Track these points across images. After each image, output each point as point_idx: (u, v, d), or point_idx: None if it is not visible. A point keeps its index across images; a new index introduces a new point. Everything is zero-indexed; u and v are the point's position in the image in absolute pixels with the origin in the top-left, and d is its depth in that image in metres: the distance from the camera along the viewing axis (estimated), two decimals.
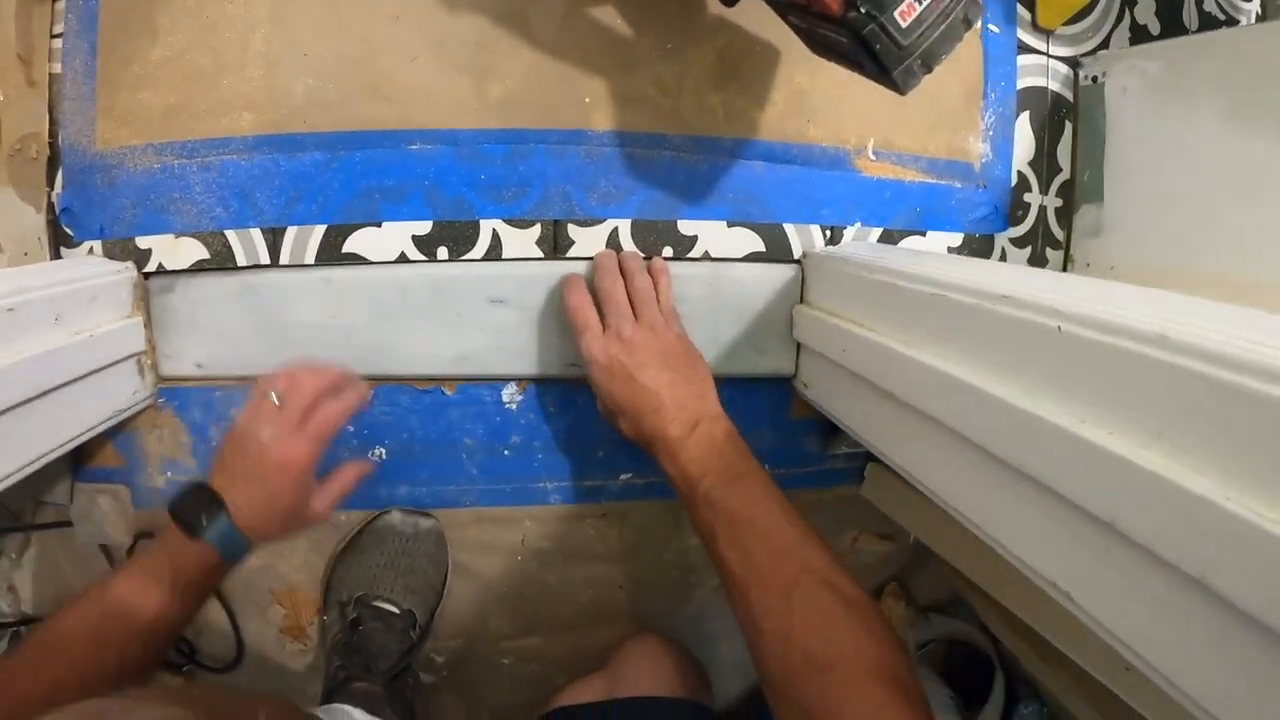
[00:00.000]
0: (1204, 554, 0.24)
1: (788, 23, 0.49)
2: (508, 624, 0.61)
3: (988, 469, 0.35)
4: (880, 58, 0.41)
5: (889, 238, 0.59)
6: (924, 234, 0.59)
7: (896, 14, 0.40)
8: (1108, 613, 0.29)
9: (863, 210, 0.58)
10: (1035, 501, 0.32)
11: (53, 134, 0.59)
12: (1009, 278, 0.38)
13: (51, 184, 0.59)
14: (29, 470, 0.47)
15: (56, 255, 0.59)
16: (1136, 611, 0.27)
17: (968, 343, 0.37)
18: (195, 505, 0.45)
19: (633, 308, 0.50)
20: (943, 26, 0.42)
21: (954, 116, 0.60)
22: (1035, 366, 0.32)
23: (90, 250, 0.58)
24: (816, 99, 0.57)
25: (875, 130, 0.58)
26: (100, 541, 0.62)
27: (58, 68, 0.58)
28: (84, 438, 0.54)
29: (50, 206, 0.59)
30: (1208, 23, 0.72)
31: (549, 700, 0.55)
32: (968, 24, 0.43)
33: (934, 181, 0.59)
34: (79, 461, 0.62)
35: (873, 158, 0.58)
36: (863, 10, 0.40)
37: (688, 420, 0.47)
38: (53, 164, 0.58)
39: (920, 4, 0.41)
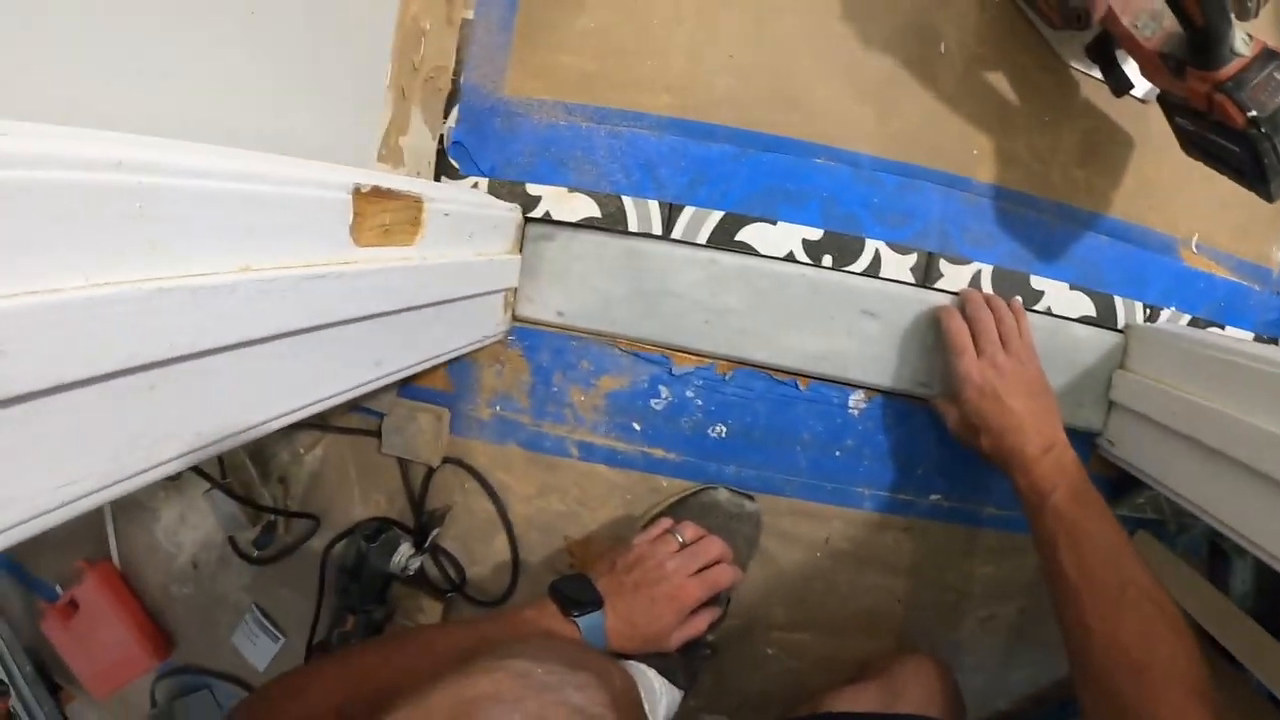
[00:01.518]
0: None
1: (1172, 123, 0.56)
2: (787, 614, 0.64)
3: None
4: (1266, 170, 0.48)
5: (1194, 324, 0.65)
6: (1223, 327, 0.66)
7: None
8: None
9: (1178, 296, 0.64)
10: None
11: (456, 73, 0.63)
12: None
13: (446, 117, 0.62)
14: (405, 374, 0.48)
15: (436, 182, 0.63)
16: None
17: None
18: (579, 592, 0.50)
19: (1000, 340, 0.56)
20: None
21: (1266, 223, 0.67)
22: None
23: (474, 185, 0.62)
24: (1158, 189, 0.64)
25: (1202, 225, 0.65)
26: (406, 457, 0.64)
27: (470, 14, 0.62)
28: (454, 354, 0.56)
29: (441, 138, 0.62)
30: None
31: (816, 701, 0.58)
32: None
33: (1238, 280, 0.66)
34: (407, 378, 0.64)
35: (1195, 250, 0.65)
36: (1263, 130, 0.47)
37: (1044, 443, 0.52)
38: (450, 100, 0.62)
39: None
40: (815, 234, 0.59)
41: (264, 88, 0.39)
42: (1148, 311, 0.63)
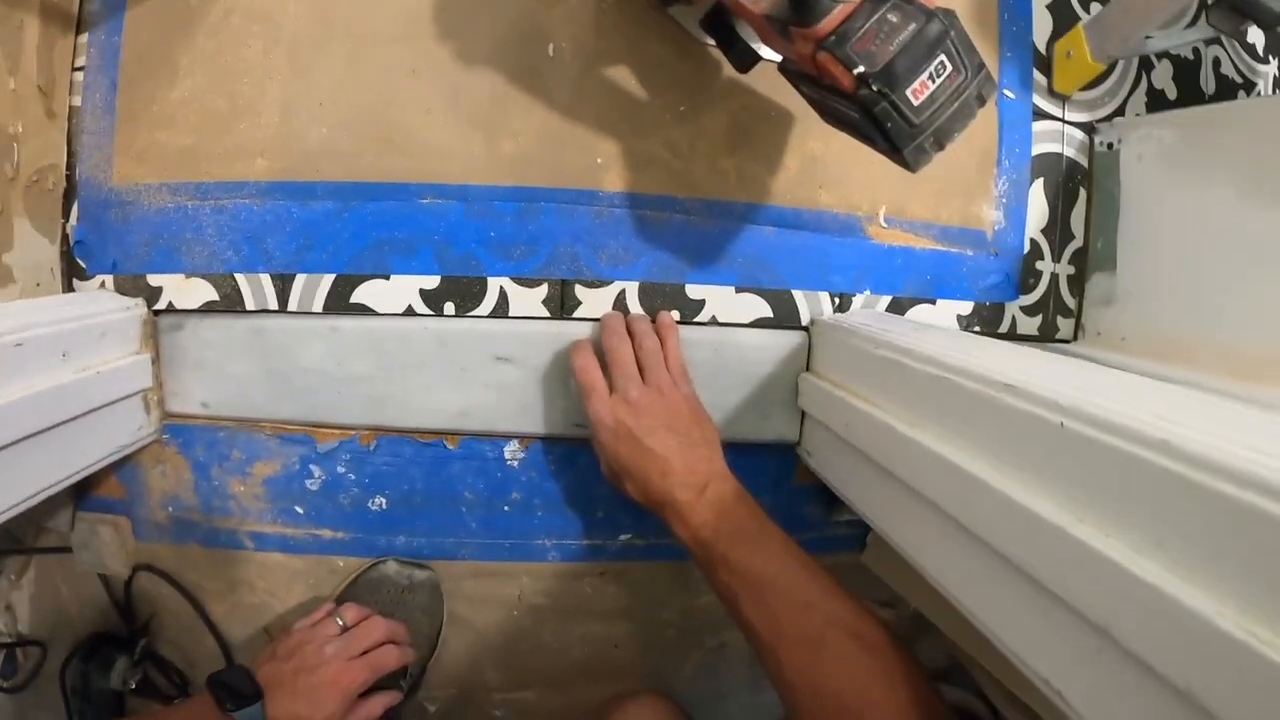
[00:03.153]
0: (1195, 670, 0.23)
1: (801, 92, 0.49)
2: (501, 677, 0.60)
3: (984, 559, 0.35)
4: (891, 136, 0.41)
5: (898, 305, 0.59)
6: (934, 302, 0.59)
7: (909, 92, 0.40)
8: (1099, 717, 0.29)
9: (872, 278, 0.58)
10: (1030, 598, 0.32)
11: (70, 166, 0.59)
12: (1016, 364, 0.38)
13: (66, 216, 0.59)
14: (32, 503, 0.47)
15: (69, 287, 0.60)
16: (1126, 718, 0.27)
17: (969, 429, 0.37)
18: (236, 685, 0.47)
19: (640, 369, 0.51)
20: (955, 104, 0.41)
21: (967, 183, 0.60)
22: (1036, 460, 0.32)
23: (102, 284, 0.59)
24: (829, 165, 0.57)
25: (887, 197, 0.58)
26: (99, 570, 0.62)
27: (78, 101, 0.59)
28: (88, 472, 0.54)
29: (65, 238, 0.59)
30: (1225, 87, 0.71)
31: None
32: (981, 101, 0.42)
33: (945, 249, 0.59)
34: (82, 490, 0.62)
35: (884, 225, 0.58)
36: (875, 88, 0.40)
37: (696, 484, 0.47)
38: (68, 196, 0.59)
39: (933, 82, 0.41)
40: (432, 282, 0.54)
41: None
42: (836, 301, 0.57)
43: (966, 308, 0.60)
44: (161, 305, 0.57)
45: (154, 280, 0.57)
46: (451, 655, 0.60)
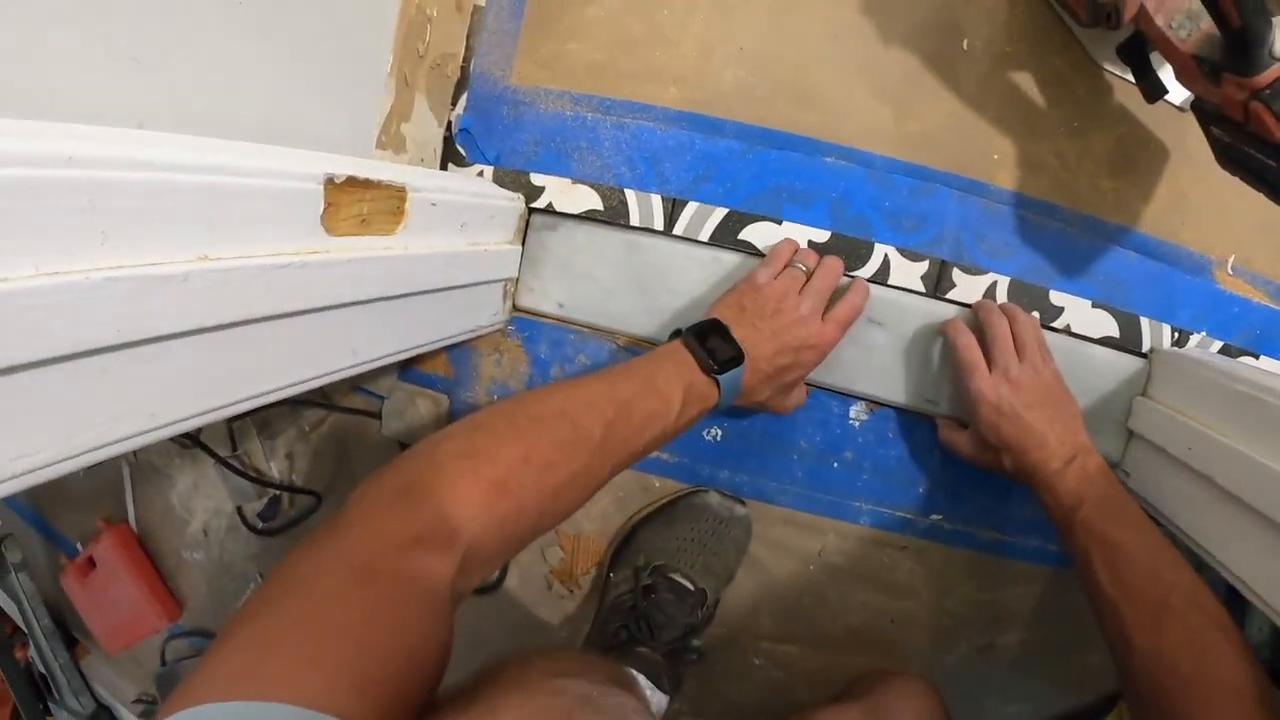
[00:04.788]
0: None
1: (1208, 133, 0.52)
2: (774, 625, 0.63)
3: None
4: None
5: (1228, 352, 0.61)
6: (1258, 357, 0.62)
7: None
8: None
9: (1211, 321, 0.60)
10: None
11: (466, 59, 0.62)
12: None
13: (455, 104, 0.62)
14: (390, 360, 0.48)
15: (443, 169, 0.63)
16: None
17: None
18: (723, 347, 0.47)
19: (1016, 347, 0.53)
20: None
21: None
22: None
23: (480, 174, 0.61)
24: (1195, 204, 0.60)
25: (1239, 246, 0.61)
26: (403, 439, 0.65)
27: (483, 1, 0.61)
28: (445, 343, 0.56)
29: (449, 124, 0.62)
30: None
31: (801, 715, 0.55)
32: None
33: (1277, 308, 0.62)
34: (407, 361, 0.65)
35: (1230, 273, 0.61)
36: None
37: (1066, 455, 0.50)
38: (460, 86, 0.62)
39: None
40: (822, 235, 0.57)
41: (257, 76, 0.39)
42: (1176, 335, 0.60)
43: None
44: (540, 204, 0.60)
45: (537, 179, 0.60)
46: (736, 595, 0.62)
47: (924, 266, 0.57)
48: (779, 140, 0.57)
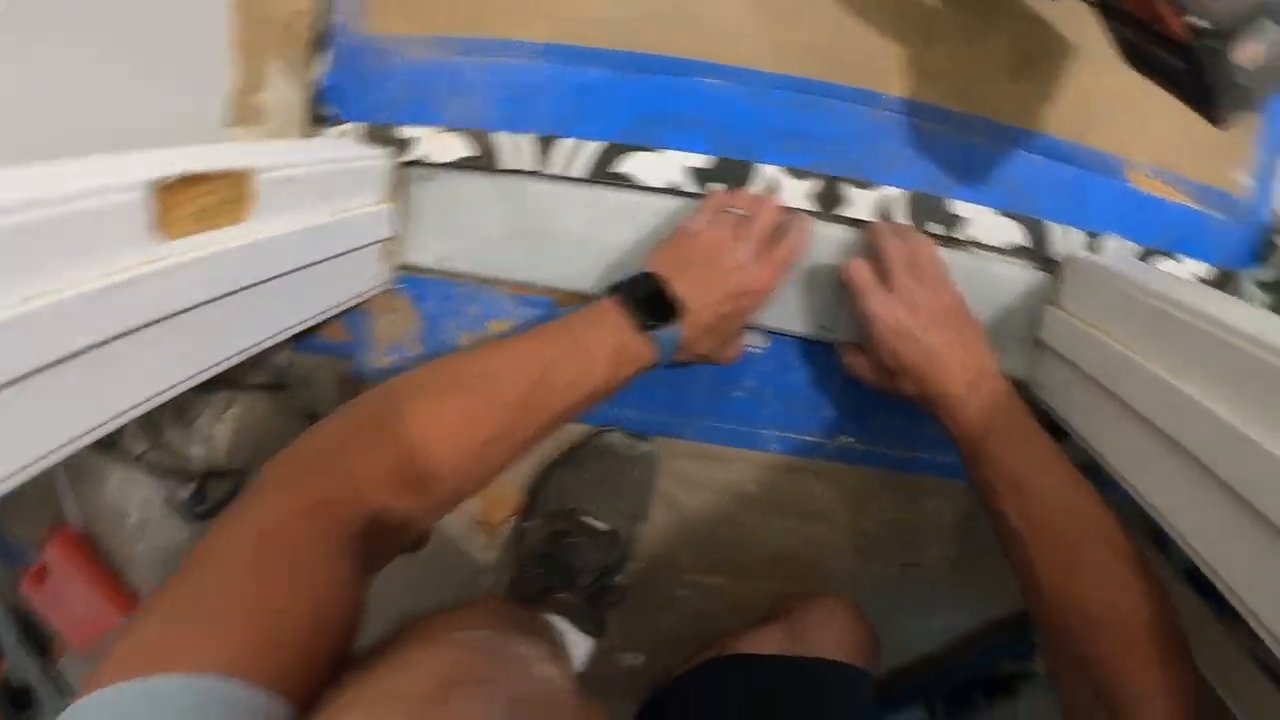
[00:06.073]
0: None
1: (1110, 29, 0.48)
2: (695, 558, 0.62)
3: (1234, 513, 0.34)
4: (1214, 92, 0.41)
5: (1144, 255, 0.58)
6: (1175, 258, 0.59)
7: (1239, 51, 0.40)
8: None
9: (1126, 223, 0.57)
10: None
11: (320, 14, 0.59)
12: None
13: (315, 63, 0.59)
14: (276, 340, 0.47)
15: (312, 132, 0.60)
16: None
17: (1243, 390, 0.36)
18: (656, 303, 0.45)
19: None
20: (1276, 69, 0.41)
21: (1228, 145, 0.59)
22: None
23: (343, 132, 0.58)
24: (1101, 104, 0.56)
25: (1151, 146, 0.57)
26: (312, 409, 0.63)
27: None
28: (326, 315, 0.54)
29: (312, 84, 0.59)
30: None
31: (722, 643, 0.56)
32: None
33: (1195, 207, 0.59)
34: (304, 331, 0.63)
35: (1145, 173, 0.57)
36: (1209, 43, 0.40)
37: (970, 379, 0.47)
38: (318, 44, 0.58)
39: (1264, 45, 0.41)
40: (703, 161, 0.54)
41: (76, 78, 0.36)
42: (1089, 240, 0.57)
43: (1204, 269, 0.60)
44: (413, 157, 0.57)
45: (407, 131, 0.57)
46: (653, 531, 0.61)
47: (813, 184, 0.54)
48: (653, 65, 0.54)
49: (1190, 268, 0.60)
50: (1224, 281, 0.61)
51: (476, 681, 0.24)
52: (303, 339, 0.63)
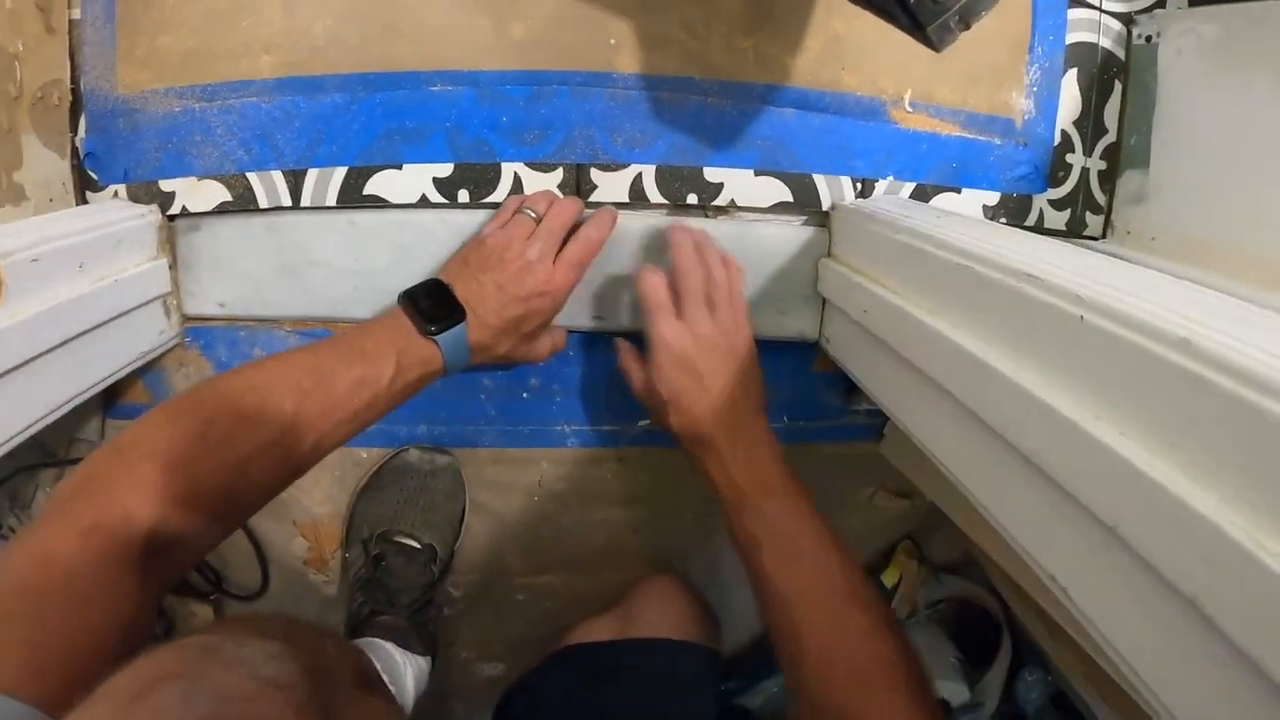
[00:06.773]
0: (1199, 576, 0.22)
1: None
2: (523, 561, 0.62)
3: (997, 451, 0.34)
4: (915, 12, 0.40)
5: (923, 193, 0.56)
6: (959, 191, 0.57)
7: None
8: (1101, 616, 0.28)
9: (896, 163, 0.56)
10: (1041, 491, 0.30)
11: (74, 80, 0.58)
12: (1039, 255, 0.36)
13: (75, 129, 0.59)
14: (60, 413, 0.48)
15: (82, 200, 0.59)
16: (1130, 620, 0.26)
17: (989, 319, 0.36)
18: (437, 305, 0.44)
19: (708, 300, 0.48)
20: None
21: (997, 69, 0.57)
22: (1055, 353, 0.31)
23: (115, 194, 0.58)
24: (852, 46, 0.55)
25: (913, 80, 0.56)
26: None
27: (77, 13, 0.58)
28: (113, 379, 0.54)
29: (74, 152, 0.59)
30: None
31: (562, 637, 0.56)
32: None
33: (972, 137, 0.57)
34: (110, 399, 0.63)
35: (909, 109, 0.56)
36: None
37: (742, 432, 0.46)
38: (75, 110, 0.58)
39: None
40: (445, 170, 0.53)
41: None
42: (859, 187, 0.55)
43: (993, 198, 0.58)
44: (175, 210, 0.57)
45: (166, 185, 0.57)
46: (475, 541, 0.61)
47: (558, 175, 0.53)
48: (380, 82, 0.53)
49: (978, 198, 0.58)
50: (1020, 208, 0.59)
51: (183, 678, 0.24)
52: (112, 405, 0.63)
